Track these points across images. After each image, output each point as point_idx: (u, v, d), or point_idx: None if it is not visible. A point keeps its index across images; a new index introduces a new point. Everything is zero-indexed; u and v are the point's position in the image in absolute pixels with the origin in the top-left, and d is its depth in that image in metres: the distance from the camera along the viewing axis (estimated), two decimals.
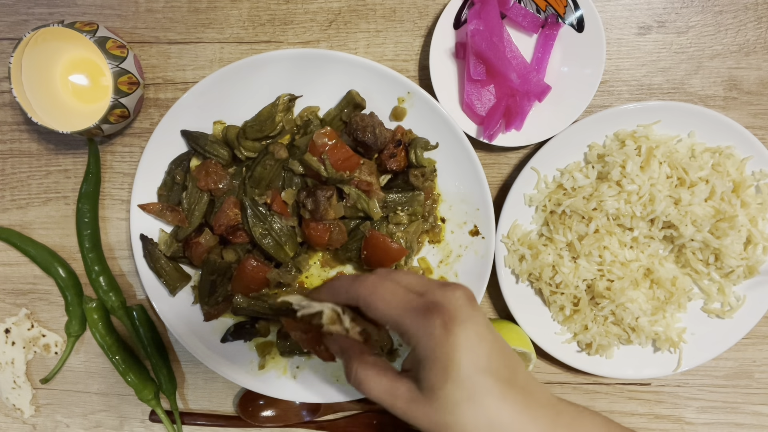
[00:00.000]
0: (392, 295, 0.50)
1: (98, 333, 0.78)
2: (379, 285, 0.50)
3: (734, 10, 0.75)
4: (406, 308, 0.48)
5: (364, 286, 0.51)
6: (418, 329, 0.47)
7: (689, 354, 0.76)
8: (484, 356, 0.46)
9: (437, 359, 0.46)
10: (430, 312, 0.47)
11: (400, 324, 0.48)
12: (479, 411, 0.45)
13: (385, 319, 0.49)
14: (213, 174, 0.75)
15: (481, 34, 0.70)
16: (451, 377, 0.46)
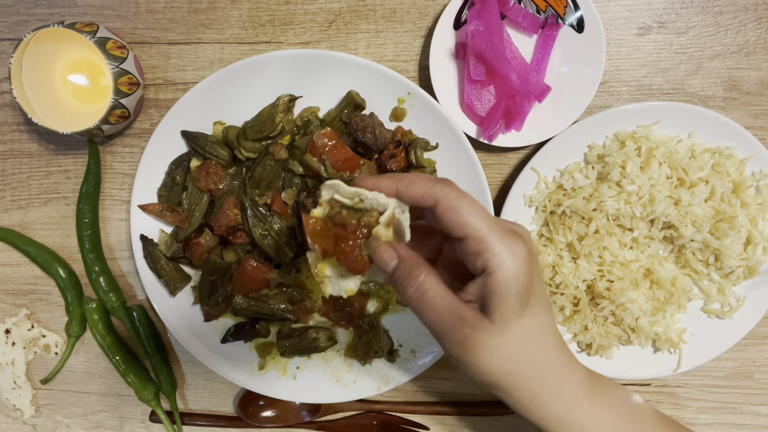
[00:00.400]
0: (479, 208, 0.46)
1: (98, 333, 0.78)
2: (465, 195, 0.46)
3: (734, 10, 0.75)
4: (494, 223, 0.45)
5: (452, 189, 0.46)
6: (505, 249, 0.44)
7: (689, 354, 0.76)
8: (547, 299, 0.46)
9: (519, 285, 0.43)
10: (519, 237, 0.45)
11: (485, 238, 0.44)
12: (543, 349, 0.45)
13: (470, 228, 0.44)
14: (213, 174, 0.75)
15: (481, 34, 0.70)
16: (528, 309, 0.44)
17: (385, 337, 0.77)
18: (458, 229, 0.45)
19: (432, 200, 0.46)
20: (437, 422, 0.83)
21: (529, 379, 0.45)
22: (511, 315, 0.44)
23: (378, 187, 0.48)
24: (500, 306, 0.44)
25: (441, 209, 0.46)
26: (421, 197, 0.47)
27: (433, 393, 0.82)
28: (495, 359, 0.44)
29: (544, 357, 0.45)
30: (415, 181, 0.47)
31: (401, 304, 0.78)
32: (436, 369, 0.81)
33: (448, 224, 0.46)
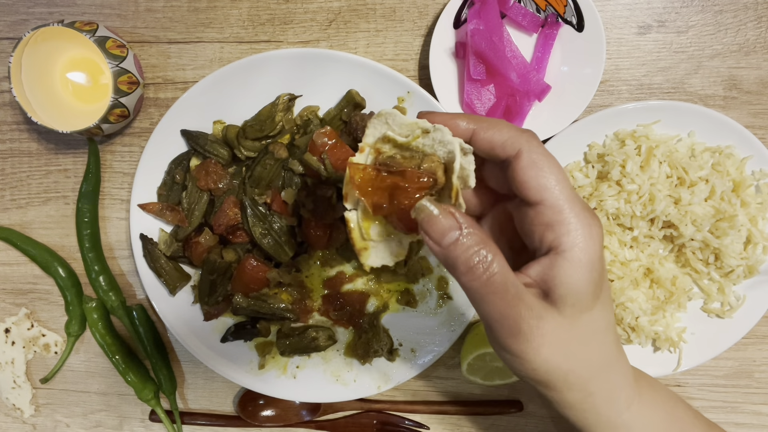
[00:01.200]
0: (563, 173, 0.39)
1: (98, 333, 0.78)
2: (551, 155, 0.40)
3: (734, 9, 0.75)
4: (575, 195, 0.39)
5: (539, 144, 0.40)
6: (584, 226, 0.38)
7: (689, 354, 0.76)
8: None
9: (594, 273, 0.38)
10: (595, 215, 0.39)
11: (564, 210, 0.38)
12: (605, 347, 0.40)
13: (549, 192, 0.38)
14: (213, 173, 0.75)
15: (481, 33, 0.70)
16: (600, 301, 0.39)
17: (384, 336, 0.77)
18: (535, 191, 0.38)
19: (514, 150, 0.39)
20: (437, 422, 0.83)
21: (586, 379, 0.41)
22: (582, 307, 0.38)
23: (451, 124, 0.41)
24: (572, 295, 0.38)
25: (522, 163, 0.39)
26: (501, 145, 0.40)
27: (433, 393, 0.82)
28: (557, 356, 0.38)
29: (605, 355, 0.41)
30: (498, 124, 0.41)
31: (401, 304, 0.78)
32: (436, 368, 0.81)
33: (524, 183, 0.39)
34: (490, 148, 0.41)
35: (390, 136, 0.41)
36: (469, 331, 0.78)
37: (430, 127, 0.40)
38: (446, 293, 0.77)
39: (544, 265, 0.39)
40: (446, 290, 0.77)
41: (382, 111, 0.41)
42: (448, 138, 0.40)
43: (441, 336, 0.76)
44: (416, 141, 0.40)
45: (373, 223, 0.43)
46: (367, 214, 0.42)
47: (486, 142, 0.41)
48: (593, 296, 0.38)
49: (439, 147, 0.40)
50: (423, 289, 0.78)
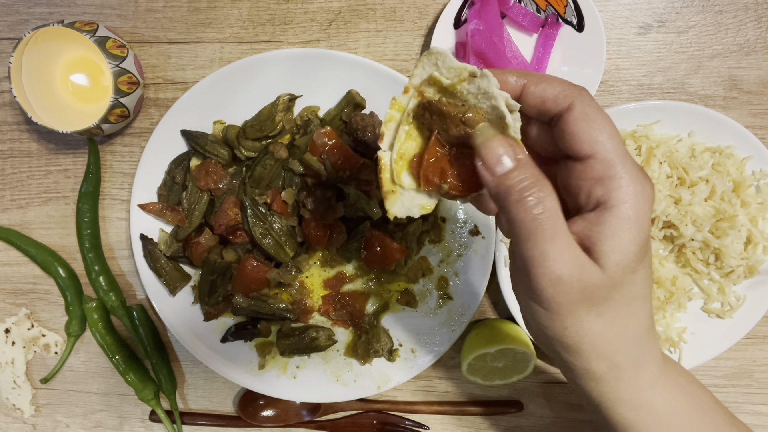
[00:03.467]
0: (616, 129, 0.38)
1: (98, 333, 0.78)
2: (602, 110, 0.38)
3: (734, 9, 0.75)
4: (627, 152, 0.37)
5: (591, 98, 0.38)
6: (635, 183, 0.36)
7: (689, 354, 0.76)
8: None
9: (642, 232, 0.36)
10: (647, 175, 0.37)
11: (615, 164, 0.36)
12: (641, 316, 0.38)
13: (601, 145, 0.37)
14: (213, 174, 0.75)
15: (481, 33, 0.70)
16: (643, 264, 0.37)
17: (384, 336, 0.77)
18: (587, 144, 0.37)
19: (566, 103, 0.38)
20: (437, 422, 0.83)
21: (616, 348, 0.38)
22: (627, 267, 0.36)
23: (500, 79, 0.39)
24: (617, 253, 0.35)
25: (575, 114, 0.37)
26: (553, 98, 0.38)
27: (433, 393, 0.82)
28: (592, 315, 0.36)
29: (640, 326, 0.38)
30: (548, 78, 0.39)
31: (401, 304, 0.78)
32: (436, 368, 0.81)
33: (576, 135, 0.37)
34: (541, 102, 0.39)
35: (436, 77, 0.39)
36: (469, 331, 0.78)
37: (478, 72, 0.38)
38: (446, 293, 0.77)
39: (590, 220, 0.37)
40: (446, 290, 0.77)
41: (432, 49, 0.39)
42: (493, 90, 0.37)
43: (441, 336, 0.76)
44: (461, 85, 0.39)
45: (406, 169, 0.41)
46: (402, 159, 0.41)
47: (537, 96, 0.39)
48: (638, 257, 0.36)
49: (483, 99, 0.38)
50: (423, 289, 0.78)
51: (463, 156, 0.40)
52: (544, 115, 0.40)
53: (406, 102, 0.41)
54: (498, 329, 0.75)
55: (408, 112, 0.41)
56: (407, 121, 0.41)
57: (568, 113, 0.38)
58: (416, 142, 0.42)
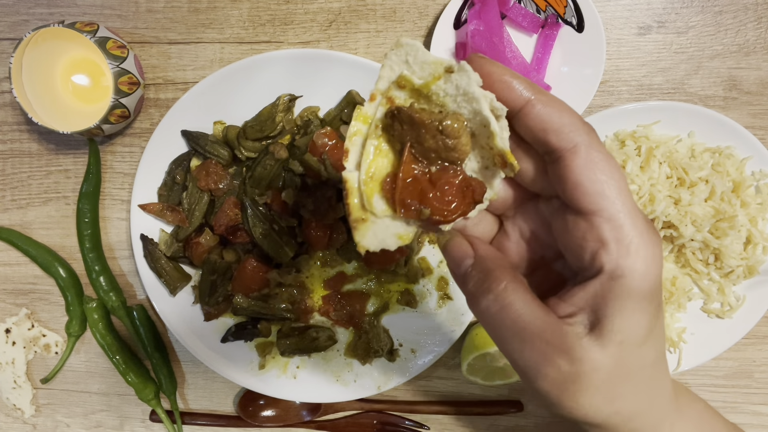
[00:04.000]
0: (623, 177, 0.32)
1: (98, 333, 0.78)
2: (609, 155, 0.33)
3: (734, 10, 0.75)
4: (635, 207, 0.32)
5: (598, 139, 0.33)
6: (646, 247, 0.31)
7: (689, 354, 0.76)
8: None
9: (654, 302, 0.32)
10: (656, 233, 0.32)
11: (623, 225, 0.31)
12: (655, 381, 0.34)
13: (606, 202, 0.31)
14: (213, 174, 0.75)
15: (481, 34, 0.70)
16: (654, 333, 0.32)
17: (385, 336, 0.77)
18: (592, 198, 0.31)
19: (570, 142, 0.31)
20: (437, 422, 0.83)
21: (631, 416, 0.34)
22: (633, 342, 0.31)
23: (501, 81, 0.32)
24: (623, 331, 0.31)
25: (579, 160, 0.31)
26: (556, 131, 0.32)
27: (433, 393, 0.82)
28: (599, 399, 0.32)
29: (653, 389, 0.35)
30: (558, 104, 0.32)
31: (401, 304, 0.78)
32: (436, 369, 0.81)
33: (579, 186, 0.31)
34: (542, 130, 0.32)
35: (407, 78, 0.32)
36: (469, 332, 0.78)
37: (455, 66, 0.31)
38: (446, 293, 0.77)
39: (593, 291, 0.32)
40: (446, 290, 0.77)
41: (401, 41, 0.32)
42: (474, 89, 0.31)
43: (441, 336, 0.76)
44: (436, 84, 0.32)
45: (378, 191, 0.34)
46: (372, 179, 0.34)
47: (539, 121, 0.32)
48: (648, 331, 0.32)
49: (463, 102, 0.32)
50: (423, 289, 0.78)
51: (446, 172, 0.33)
52: (541, 145, 0.33)
53: (372, 111, 0.34)
54: None
55: (376, 123, 0.34)
56: (375, 134, 0.34)
57: (571, 156, 0.31)
58: (388, 159, 0.35)
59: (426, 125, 0.32)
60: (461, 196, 0.33)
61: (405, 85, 0.33)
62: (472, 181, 0.33)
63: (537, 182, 0.35)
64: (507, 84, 0.32)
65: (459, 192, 0.33)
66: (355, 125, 0.34)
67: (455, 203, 0.33)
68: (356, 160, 0.35)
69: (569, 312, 0.33)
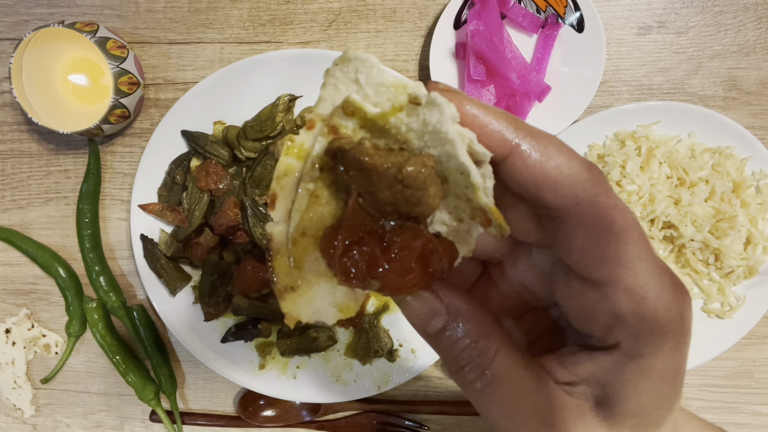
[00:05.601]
0: (645, 237, 0.25)
1: (98, 333, 0.78)
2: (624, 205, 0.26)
3: (734, 10, 0.75)
4: (662, 269, 0.25)
5: (608, 188, 0.25)
6: (673, 322, 0.25)
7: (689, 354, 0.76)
8: None
9: (677, 382, 0.26)
10: (686, 297, 0.26)
11: (647, 297, 0.24)
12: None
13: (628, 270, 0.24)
14: (213, 174, 0.75)
15: (481, 34, 0.70)
16: (674, 412, 0.27)
17: (385, 336, 0.77)
18: (604, 268, 0.25)
19: (573, 198, 0.24)
20: (437, 422, 0.83)
21: None
22: (650, 425, 0.26)
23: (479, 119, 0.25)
24: (640, 414, 0.26)
25: (584, 221, 0.25)
26: (553, 183, 0.25)
27: (433, 393, 0.82)
28: None
29: None
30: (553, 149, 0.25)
31: None
32: (436, 369, 0.81)
33: (587, 253, 0.25)
34: (533, 185, 0.25)
35: (356, 104, 0.24)
36: None
37: (422, 97, 0.23)
38: None
39: (605, 365, 0.26)
40: None
41: (349, 54, 0.25)
42: (448, 128, 0.23)
43: None
44: (397, 117, 0.24)
45: (313, 249, 0.27)
46: (305, 235, 0.26)
47: (530, 174, 0.25)
48: (666, 411, 0.26)
49: (432, 140, 0.24)
50: None
51: (404, 233, 0.25)
52: (534, 201, 0.26)
53: (310, 143, 0.26)
54: None
55: (313, 161, 0.26)
56: (312, 175, 0.26)
57: (573, 217, 0.25)
58: (329, 208, 0.26)
59: (380, 172, 0.24)
60: (423, 264, 0.25)
61: (356, 111, 0.25)
62: (440, 244, 0.25)
63: (531, 234, 0.28)
64: (484, 128, 0.25)
65: (420, 259, 0.25)
66: (285, 161, 0.26)
67: (414, 274, 0.25)
68: (287, 207, 0.27)
69: (571, 380, 0.27)
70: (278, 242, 0.26)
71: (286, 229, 0.27)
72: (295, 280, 0.26)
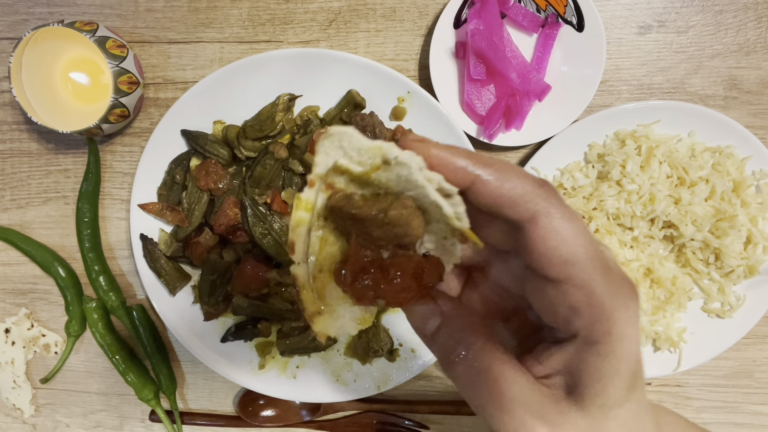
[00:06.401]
0: (592, 240, 0.31)
1: (98, 333, 0.78)
2: (575, 215, 0.31)
3: (734, 9, 0.75)
4: (608, 268, 0.30)
5: (559, 203, 0.31)
6: (622, 310, 0.30)
7: (689, 354, 0.76)
8: None
9: (632, 365, 0.31)
10: (632, 286, 0.31)
11: (597, 292, 0.29)
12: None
13: (576, 268, 0.30)
14: (213, 173, 0.75)
15: (481, 33, 0.70)
16: (634, 393, 0.31)
17: (385, 336, 0.77)
18: (559, 267, 0.30)
19: (528, 213, 0.30)
20: (437, 422, 0.83)
21: None
22: (614, 404, 0.31)
23: (443, 162, 0.31)
24: (602, 394, 0.30)
25: (540, 231, 0.30)
26: (510, 203, 0.31)
27: (433, 393, 0.82)
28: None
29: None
30: (507, 173, 0.31)
31: None
32: (436, 369, 0.81)
33: (544, 256, 0.30)
34: (496, 206, 0.31)
35: (343, 166, 0.31)
36: None
37: (392, 159, 0.30)
38: None
39: (569, 354, 0.31)
40: None
41: (332, 130, 0.31)
42: (417, 177, 0.30)
43: None
44: (376, 173, 0.31)
45: (330, 281, 0.34)
46: (322, 271, 0.34)
47: (491, 197, 0.31)
48: (627, 390, 0.31)
49: (407, 185, 0.31)
50: None
51: (398, 259, 0.32)
52: (501, 217, 0.32)
53: (313, 198, 0.32)
54: None
55: (318, 212, 0.33)
56: (319, 223, 0.33)
57: (532, 227, 0.30)
58: (338, 246, 0.34)
59: (370, 219, 0.31)
60: (417, 280, 0.32)
61: (344, 171, 0.32)
62: (427, 264, 0.32)
63: (505, 244, 0.34)
64: (449, 166, 0.31)
65: (414, 278, 0.32)
66: (296, 215, 0.32)
67: (411, 290, 0.32)
68: (304, 251, 0.33)
69: (546, 374, 0.32)
70: (302, 279, 0.34)
71: (306, 269, 0.34)
72: (319, 306, 0.34)
